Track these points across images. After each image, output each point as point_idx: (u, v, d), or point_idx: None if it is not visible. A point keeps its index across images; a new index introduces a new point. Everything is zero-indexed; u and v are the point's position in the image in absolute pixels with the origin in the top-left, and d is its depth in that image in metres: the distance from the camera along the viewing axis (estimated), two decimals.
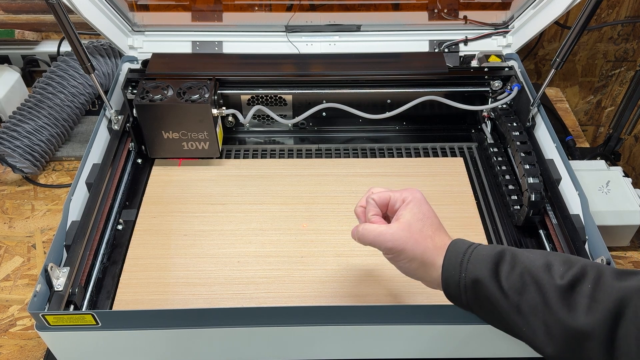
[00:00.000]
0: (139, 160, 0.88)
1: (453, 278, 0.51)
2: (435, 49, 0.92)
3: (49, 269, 0.60)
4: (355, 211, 0.61)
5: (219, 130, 0.86)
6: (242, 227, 0.76)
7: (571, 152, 1.01)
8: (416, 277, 0.55)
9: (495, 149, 0.88)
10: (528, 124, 0.83)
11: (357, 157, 0.90)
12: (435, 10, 0.92)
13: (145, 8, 0.90)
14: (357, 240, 0.58)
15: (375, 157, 0.90)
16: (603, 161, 0.89)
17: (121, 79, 0.85)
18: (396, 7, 0.92)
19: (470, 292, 0.50)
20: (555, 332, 0.46)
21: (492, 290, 0.49)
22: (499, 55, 0.90)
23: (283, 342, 0.62)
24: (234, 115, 0.89)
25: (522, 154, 0.78)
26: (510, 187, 0.81)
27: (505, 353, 0.65)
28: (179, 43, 0.91)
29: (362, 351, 0.64)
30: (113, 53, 1.05)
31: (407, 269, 0.55)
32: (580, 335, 0.44)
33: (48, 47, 1.14)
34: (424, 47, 0.92)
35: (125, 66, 0.89)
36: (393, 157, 0.90)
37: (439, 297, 0.67)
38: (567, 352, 0.46)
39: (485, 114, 0.91)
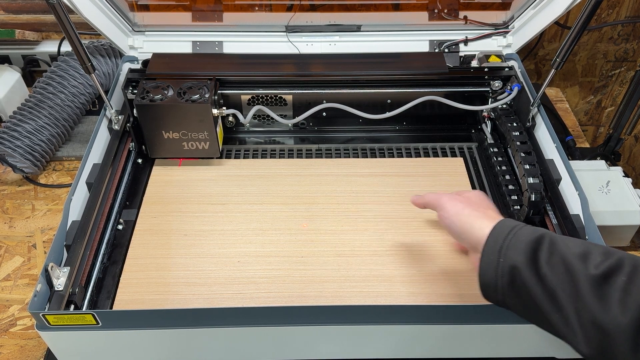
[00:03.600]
0: (139, 160, 0.88)
1: (491, 264, 0.52)
2: (435, 49, 0.92)
3: (49, 268, 0.60)
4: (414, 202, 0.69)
5: (219, 130, 0.86)
6: (242, 227, 0.76)
7: (571, 152, 1.01)
8: (462, 225, 0.59)
9: (495, 149, 0.88)
10: (528, 124, 0.83)
11: (357, 157, 0.90)
12: (436, 11, 0.92)
13: (145, 8, 0.90)
14: (419, 201, 0.67)
15: (375, 157, 0.90)
16: (603, 161, 0.89)
17: (121, 79, 0.85)
18: (396, 7, 0.92)
19: (507, 278, 0.50)
20: (586, 323, 0.45)
21: (528, 277, 0.49)
22: (499, 56, 0.90)
23: (283, 342, 0.62)
24: (234, 115, 0.89)
25: (522, 154, 0.78)
26: (510, 187, 0.81)
27: (506, 353, 0.65)
28: (179, 43, 0.91)
29: (362, 351, 0.64)
30: (113, 53, 1.05)
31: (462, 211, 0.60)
32: (609, 329, 0.44)
33: (48, 47, 1.14)
34: (424, 47, 0.92)
35: (126, 66, 0.89)
36: (393, 157, 0.90)
37: (439, 297, 0.68)
38: (595, 344, 0.45)
39: (485, 114, 0.91)
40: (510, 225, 0.54)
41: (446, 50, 0.92)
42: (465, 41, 0.92)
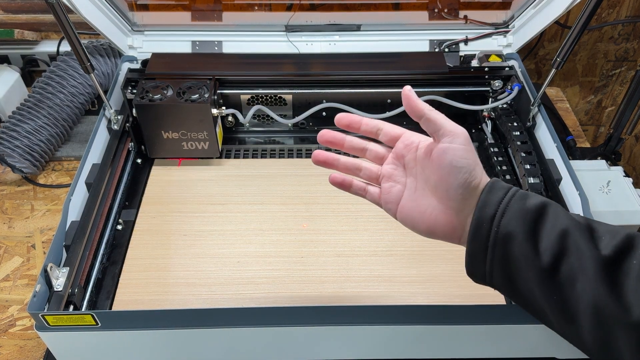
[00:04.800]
0: (139, 160, 0.87)
1: (484, 230, 0.44)
2: (435, 48, 0.92)
3: (48, 269, 0.60)
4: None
5: (219, 130, 0.86)
6: (242, 227, 0.76)
7: (572, 152, 1.01)
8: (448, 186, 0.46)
9: (496, 149, 0.87)
10: (528, 123, 0.83)
11: (357, 157, 0.89)
12: (436, 10, 0.92)
13: (145, 8, 0.90)
14: (412, 102, 0.49)
15: None
16: (603, 161, 0.89)
17: (121, 78, 0.85)
18: (396, 7, 0.92)
19: (500, 248, 0.43)
20: (590, 311, 0.40)
21: (525, 249, 0.42)
22: (500, 55, 0.90)
23: (283, 342, 0.62)
24: (233, 115, 0.88)
25: (523, 154, 0.78)
26: None
27: (506, 353, 0.65)
28: (179, 43, 0.91)
29: (362, 351, 0.64)
30: (113, 53, 1.05)
31: (456, 160, 0.45)
32: (619, 320, 0.39)
33: (47, 47, 1.14)
34: (424, 47, 0.92)
35: (125, 66, 0.89)
36: None
37: (439, 297, 0.68)
38: (599, 335, 0.40)
39: (485, 113, 0.91)
40: (504, 186, 0.46)
41: (446, 49, 0.91)
42: (466, 41, 0.92)
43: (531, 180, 0.74)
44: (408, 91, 0.49)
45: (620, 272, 0.40)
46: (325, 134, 0.53)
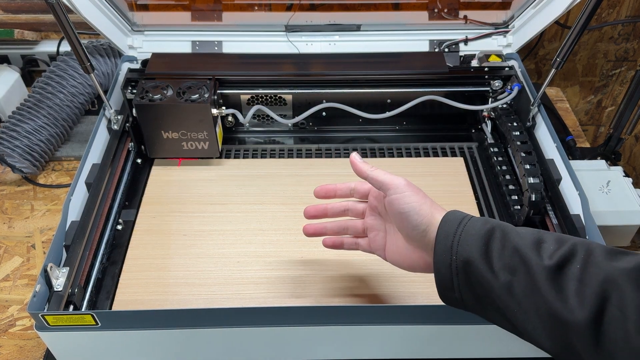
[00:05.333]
0: (139, 160, 0.87)
1: (445, 262, 0.49)
2: (435, 48, 0.92)
3: (48, 269, 0.60)
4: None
5: (219, 130, 0.86)
6: (242, 227, 0.76)
7: (571, 152, 1.01)
8: (410, 233, 0.53)
9: (496, 149, 0.87)
10: (528, 123, 0.83)
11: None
12: (436, 10, 0.92)
13: (144, 8, 0.90)
14: (362, 169, 0.57)
15: (375, 157, 0.90)
16: (603, 161, 0.89)
17: (121, 78, 0.85)
18: (396, 7, 0.92)
19: (462, 274, 0.48)
20: (546, 317, 0.44)
21: (483, 271, 0.46)
22: (499, 55, 0.90)
23: (283, 342, 0.62)
24: (233, 115, 0.88)
25: (523, 154, 0.78)
26: (511, 187, 0.81)
27: (506, 353, 0.65)
28: (179, 43, 0.91)
29: (361, 351, 0.64)
30: (112, 53, 1.05)
31: (406, 214, 0.53)
32: (569, 322, 0.42)
33: (47, 46, 1.14)
34: (424, 47, 0.92)
35: (125, 66, 0.89)
36: (393, 157, 0.90)
37: (439, 297, 0.67)
38: (557, 338, 0.44)
39: (485, 113, 0.91)
40: (458, 217, 0.50)
41: (446, 49, 0.91)
42: (466, 41, 0.92)
43: (531, 180, 0.74)
44: (353, 158, 0.59)
45: (565, 277, 0.43)
46: (309, 210, 0.63)
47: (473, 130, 0.95)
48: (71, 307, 0.63)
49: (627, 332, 0.39)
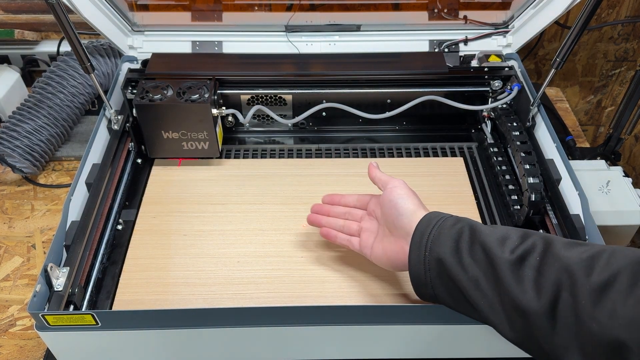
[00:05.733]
0: (139, 160, 0.87)
1: (419, 259, 0.53)
2: (435, 48, 0.92)
3: (48, 269, 0.60)
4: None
5: (219, 130, 0.86)
6: (242, 227, 0.76)
7: (571, 152, 1.01)
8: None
9: (495, 149, 0.88)
10: (528, 123, 0.83)
11: (357, 157, 0.89)
12: (435, 10, 0.92)
13: (145, 8, 0.90)
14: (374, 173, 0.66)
15: (375, 157, 0.90)
16: (603, 161, 0.89)
17: (121, 78, 0.85)
18: (396, 7, 0.92)
19: (434, 271, 0.52)
20: (508, 307, 0.46)
21: (453, 267, 0.50)
22: (499, 55, 0.90)
23: (283, 342, 0.62)
24: (233, 115, 0.88)
25: (522, 154, 0.78)
26: (510, 187, 0.81)
27: (506, 353, 0.65)
28: (179, 43, 0.91)
29: (361, 351, 0.64)
30: (113, 53, 1.05)
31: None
32: (528, 310, 0.45)
33: (48, 47, 1.14)
34: (424, 47, 0.92)
35: (125, 66, 0.89)
36: (393, 157, 0.90)
37: None
38: (518, 327, 0.47)
39: (485, 113, 0.91)
40: (434, 217, 0.55)
41: (446, 50, 0.91)
42: (465, 41, 0.92)
43: (531, 180, 0.74)
44: (371, 164, 0.67)
45: (525, 268, 0.46)
46: (314, 206, 0.71)
47: (473, 130, 0.95)
48: (71, 307, 0.63)
49: (578, 317, 0.42)
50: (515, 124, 0.83)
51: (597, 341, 0.41)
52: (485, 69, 0.88)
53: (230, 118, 0.91)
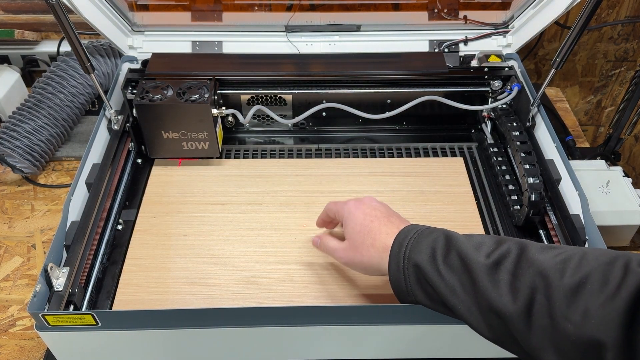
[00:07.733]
0: (139, 160, 0.87)
1: (398, 268, 0.54)
2: (435, 48, 0.92)
3: (48, 269, 0.60)
4: (316, 224, 0.71)
5: (219, 130, 0.86)
6: (242, 227, 0.76)
7: (571, 152, 1.01)
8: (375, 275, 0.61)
9: (495, 149, 0.88)
10: (528, 123, 0.83)
11: (357, 157, 0.89)
12: (435, 10, 0.92)
13: (145, 8, 0.90)
14: (318, 248, 0.67)
15: (375, 157, 0.90)
16: (603, 161, 0.89)
17: (121, 78, 0.85)
18: (396, 7, 0.92)
19: (413, 278, 0.53)
20: (485, 311, 0.48)
21: (430, 274, 0.51)
22: (499, 55, 0.90)
23: (283, 342, 0.62)
24: (233, 115, 0.88)
25: (522, 154, 0.78)
26: (510, 187, 0.81)
27: (506, 353, 0.65)
28: (179, 43, 0.91)
29: (361, 351, 0.64)
30: (113, 53, 1.05)
31: (365, 273, 0.62)
32: (505, 313, 0.46)
33: (48, 47, 1.14)
34: (424, 47, 0.92)
35: (125, 66, 0.89)
36: (393, 157, 0.90)
37: None
38: (496, 329, 0.48)
39: (485, 113, 0.91)
40: (412, 229, 0.56)
41: (446, 50, 0.92)
42: (465, 41, 0.92)
43: (531, 180, 0.74)
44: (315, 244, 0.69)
45: (500, 272, 0.47)
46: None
47: (473, 131, 0.95)
48: (71, 307, 0.63)
49: (553, 318, 0.43)
50: (515, 124, 0.83)
51: (572, 341, 0.42)
52: (485, 69, 0.88)
53: (230, 118, 0.91)
